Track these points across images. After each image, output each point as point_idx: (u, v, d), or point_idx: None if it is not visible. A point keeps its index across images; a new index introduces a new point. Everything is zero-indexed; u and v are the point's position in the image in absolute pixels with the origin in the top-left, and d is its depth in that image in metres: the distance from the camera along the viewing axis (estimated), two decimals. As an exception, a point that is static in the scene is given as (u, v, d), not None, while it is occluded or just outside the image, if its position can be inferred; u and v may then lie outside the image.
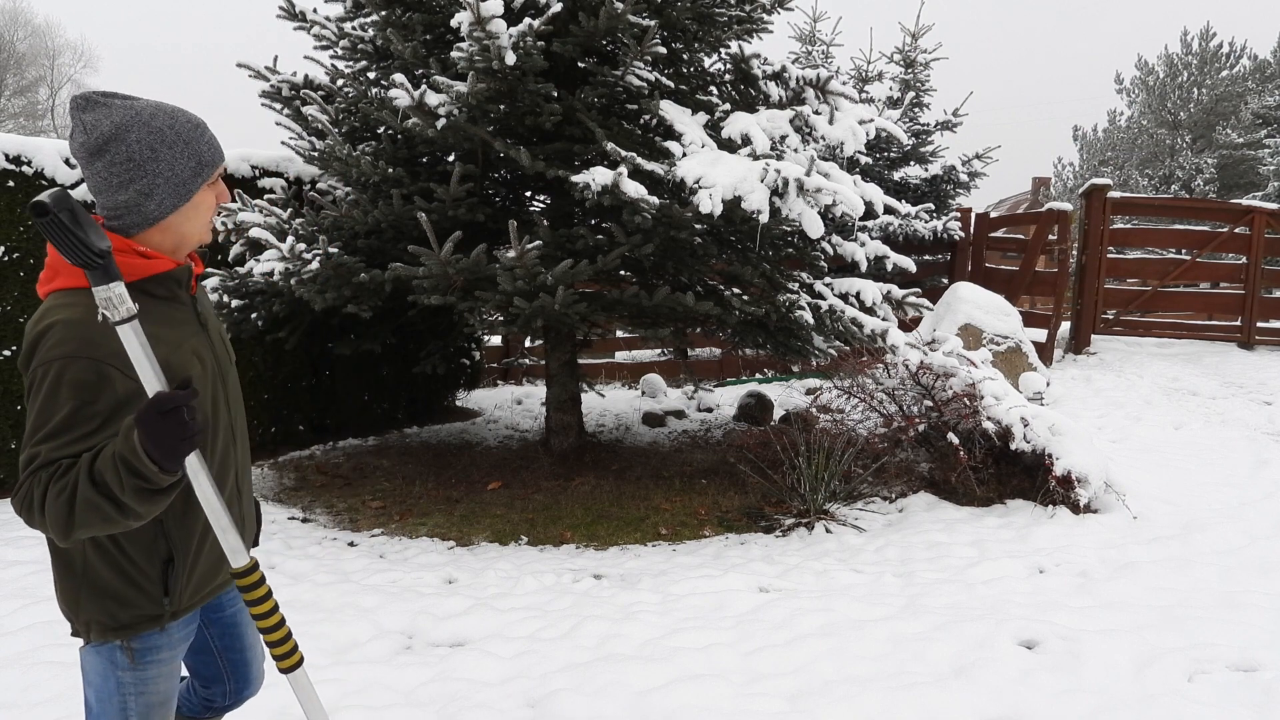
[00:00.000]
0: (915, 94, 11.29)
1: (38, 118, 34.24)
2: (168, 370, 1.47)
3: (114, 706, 1.62)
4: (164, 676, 1.67)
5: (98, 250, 1.35)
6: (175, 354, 1.55)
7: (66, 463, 1.38)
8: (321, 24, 6.19)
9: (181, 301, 1.64)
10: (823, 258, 6.93)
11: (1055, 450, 4.87)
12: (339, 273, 5.28)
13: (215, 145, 1.61)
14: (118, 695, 1.62)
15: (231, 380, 1.76)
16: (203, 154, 1.58)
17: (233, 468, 1.74)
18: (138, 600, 1.59)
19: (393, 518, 5.37)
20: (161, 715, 1.69)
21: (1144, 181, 27.67)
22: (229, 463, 1.73)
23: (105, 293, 1.37)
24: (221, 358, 1.73)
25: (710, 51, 6.23)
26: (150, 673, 1.64)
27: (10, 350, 5.60)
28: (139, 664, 1.62)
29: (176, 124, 1.55)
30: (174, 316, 1.61)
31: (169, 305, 1.60)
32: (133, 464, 1.31)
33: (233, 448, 1.74)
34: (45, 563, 4.23)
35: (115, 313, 1.37)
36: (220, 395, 1.70)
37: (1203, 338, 10.30)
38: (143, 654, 1.62)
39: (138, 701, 1.63)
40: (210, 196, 1.62)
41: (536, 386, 10.40)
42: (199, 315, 1.68)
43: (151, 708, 1.66)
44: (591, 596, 3.92)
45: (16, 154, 5.62)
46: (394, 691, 2.97)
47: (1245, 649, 3.07)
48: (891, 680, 2.93)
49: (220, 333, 1.78)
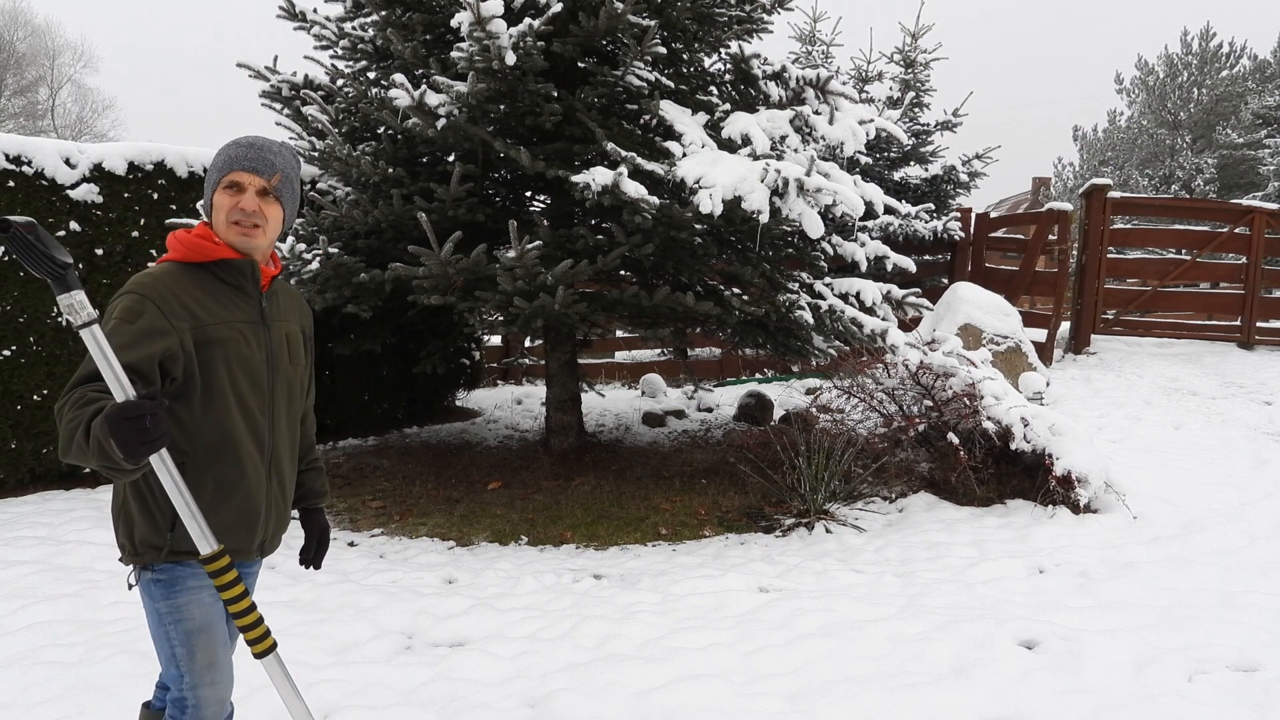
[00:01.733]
0: (915, 94, 11.29)
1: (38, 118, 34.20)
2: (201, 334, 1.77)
3: (161, 635, 1.87)
4: (195, 604, 1.86)
5: (59, 262, 1.54)
6: (213, 326, 1.81)
7: (90, 396, 1.61)
8: (321, 24, 6.19)
9: (246, 292, 1.90)
10: (823, 258, 6.93)
11: (1055, 450, 4.87)
12: (339, 273, 5.28)
13: (235, 156, 1.85)
14: (160, 626, 1.87)
15: (284, 375, 1.97)
16: (220, 161, 1.86)
17: (268, 449, 1.93)
18: (149, 533, 1.82)
19: (393, 518, 5.37)
20: (205, 643, 1.87)
21: (1144, 181, 27.66)
22: (265, 441, 1.92)
23: (68, 300, 1.54)
24: (277, 354, 1.95)
25: (710, 51, 6.23)
26: (181, 599, 1.85)
27: (10, 350, 5.60)
28: (171, 594, 1.84)
29: (236, 138, 1.90)
30: (231, 300, 1.86)
31: (232, 290, 1.87)
32: (104, 448, 1.51)
33: (270, 433, 1.94)
34: (45, 562, 4.23)
35: (77, 317, 1.55)
36: (267, 380, 1.92)
37: (1203, 338, 10.29)
38: (171, 585, 1.84)
39: (178, 629, 1.85)
40: (224, 199, 1.85)
41: (536, 386, 10.40)
42: (263, 310, 1.92)
43: (191, 635, 1.86)
44: (591, 596, 3.92)
45: (16, 154, 5.62)
46: (394, 691, 2.97)
47: (1245, 649, 3.07)
48: (891, 680, 2.93)
49: (288, 336, 2.00)
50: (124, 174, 5.99)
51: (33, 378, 5.67)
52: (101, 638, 3.35)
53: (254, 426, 1.89)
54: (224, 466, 1.84)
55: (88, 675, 3.01)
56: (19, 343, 5.63)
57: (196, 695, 1.88)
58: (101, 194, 5.91)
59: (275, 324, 1.96)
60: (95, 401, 1.60)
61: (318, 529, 2.24)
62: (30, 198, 5.65)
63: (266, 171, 1.85)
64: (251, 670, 2.55)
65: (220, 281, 1.86)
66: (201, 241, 1.84)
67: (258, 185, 1.85)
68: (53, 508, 5.29)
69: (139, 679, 2.96)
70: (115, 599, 3.73)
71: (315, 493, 2.26)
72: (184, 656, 1.86)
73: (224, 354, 1.82)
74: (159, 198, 6.15)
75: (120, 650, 3.20)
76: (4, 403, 5.60)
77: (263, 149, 1.87)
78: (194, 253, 1.84)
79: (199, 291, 1.81)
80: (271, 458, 1.95)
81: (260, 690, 2.79)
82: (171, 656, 1.87)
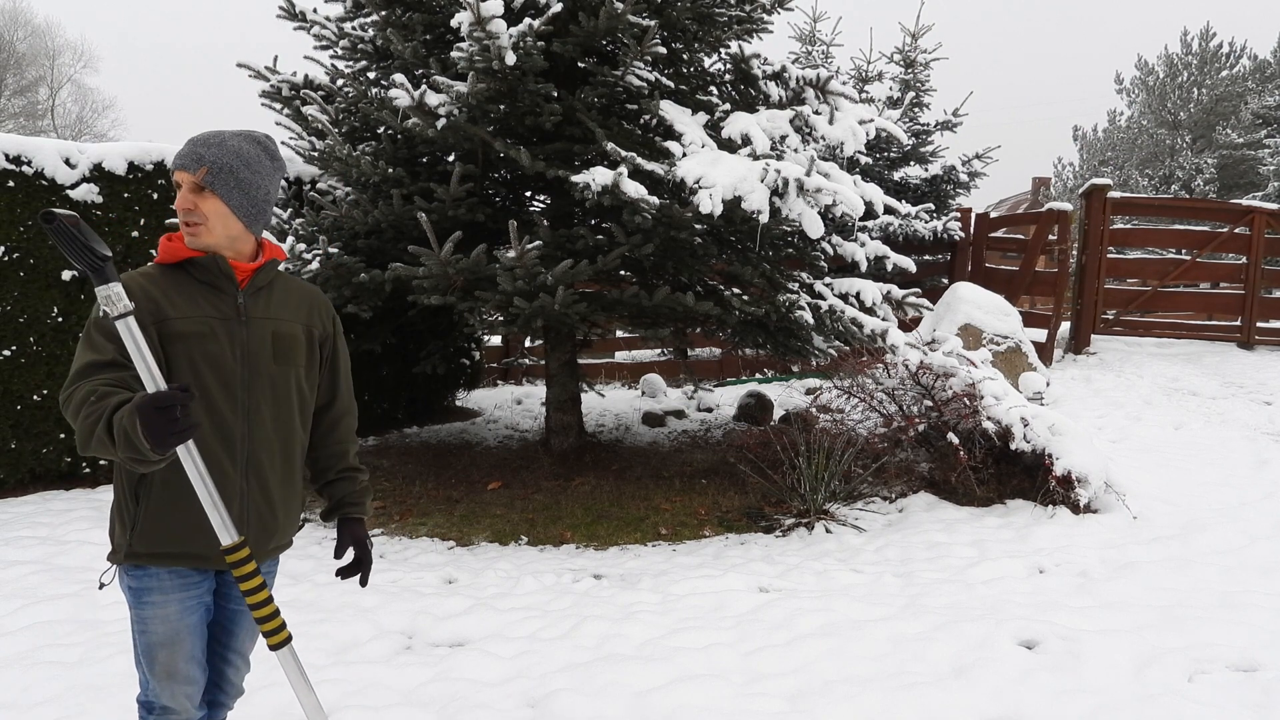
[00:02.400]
0: (915, 94, 11.29)
1: (38, 118, 34.19)
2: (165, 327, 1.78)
3: (133, 640, 1.90)
4: (158, 619, 1.86)
5: (100, 255, 1.58)
6: (178, 320, 1.80)
7: (102, 390, 1.63)
8: (321, 24, 6.19)
9: (221, 289, 1.88)
10: (823, 258, 6.93)
11: (1055, 450, 4.87)
12: (339, 273, 5.28)
13: (176, 155, 1.86)
14: (132, 631, 1.90)
15: (266, 375, 1.90)
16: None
17: (241, 451, 1.87)
18: (119, 532, 1.86)
19: (393, 518, 5.37)
20: (165, 657, 1.87)
21: (1144, 181, 27.66)
22: (235, 442, 1.87)
23: (105, 291, 1.59)
24: (257, 352, 1.89)
25: (710, 51, 6.23)
26: (146, 613, 1.86)
27: (10, 350, 5.60)
28: (138, 603, 1.87)
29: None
30: (204, 297, 1.85)
31: (205, 288, 1.86)
32: (131, 439, 1.52)
33: (247, 434, 1.88)
34: (45, 562, 4.23)
35: (114, 309, 1.60)
36: (241, 379, 1.87)
37: (1203, 338, 10.29)
38: (139, 593, 1.86)
39: (141, 639, 1.88)
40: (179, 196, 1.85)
41: (536, 386, 10.40)
42: (239, 306, 1.89)
43: (152, 647, 1.87)
44: (591, 596, 3.92)
45: (16, 154, 5.62)
46: (394, 691, 2.97)
47: (1245, 649, 3.07)
48: (891, 680, 2.93)
49: (281, 332, 1.93)
50: (124, 174, 5.99)
51: (33, 378, 5.67)
52: (101, 638, 3.35)
53: (220, 425, 1.83)
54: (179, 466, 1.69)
55: (87, 675, 3.01)
56: (19, 343, 5.63)
57: (160, 701, 1.92)
58: (101, 194, 5.91)
59: (257, 321, 1.89)
60: (112, 395, 1.61)
61: (349, 540, 2.08)
62: (30, 198, 5.65)
63: (192, 166, 1.82)
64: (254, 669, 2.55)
65: (195, 280, 1.86)
66: (169, 244, 1.87)
67: (188, 182, 1.83)
68: (53, 508, 5.29)
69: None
70: (115, 599, 3.72)
71: (347, 502, 2.11)
72: (145, 664, 1.90)
73: (187, 349, 1.80)
74: (159, 198, 6.14)
75: (120, 650, 3.20)
76: (4, 403, 5.60)
77: (196, 143, 1.84)
78: (166, 254, 1.87)
79: (172, 290, 1.82)
80: (248, 460, 1.87)
81: (261, 690, 2.79)
82: (138, 660, 1.91)
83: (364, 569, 2.08)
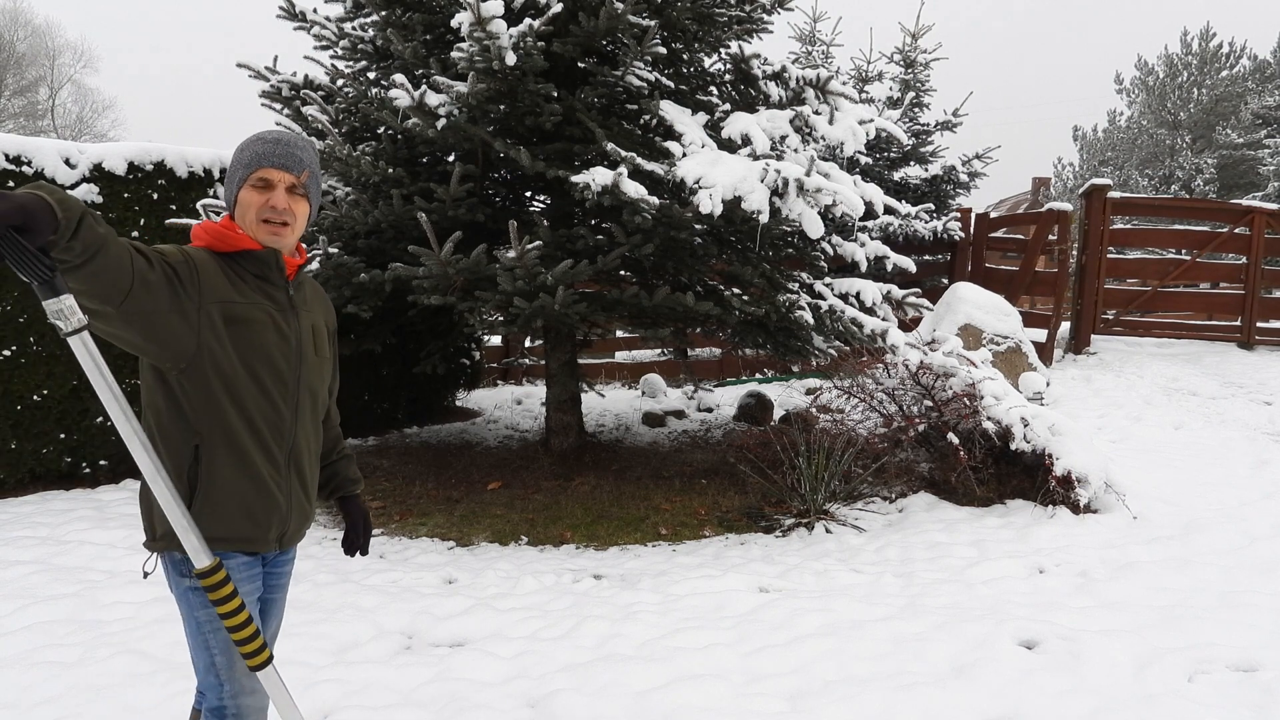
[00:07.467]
0: (915, 94, 11.29)
1: (38, 118, 34.18)
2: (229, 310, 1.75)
3: (199, 644, 1.81)
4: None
5: (49, 264, 1.41)
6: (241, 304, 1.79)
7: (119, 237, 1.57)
8: (321, 24, 6.18)
9: (272, 281, 1.86)
10: (823, 258, 6.93)
11: (1055, 450, 4.87)
12: (339, 273, 5.27)
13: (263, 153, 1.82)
14: (199, 634, 1.81)
15: (310, 366, 1.93)
16: (247, 158, 1.83)
17: (289, 439, 1.89)
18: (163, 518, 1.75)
19: (393, 518, 5.36)
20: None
21: (1144, 181, 27.66)
22: (286, 431, 1.88)
23: (56, 305, 1.43)
24: (304, 344, 1.91)
25: (710, 51, 6.23)
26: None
27: (10, 350, 5.60)
28: (210, 602, 1.75)
29: (260, 133, 1.86)
30: (257, 288, 1.84)
31: (257, 280, 1.84)
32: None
33: (293, 424, 1.90)
34: (45, 562, 4.23)
35: (67, 324, 1.44)
36: (292, 369, 1.88)
37: (1203, 338, 10.29)
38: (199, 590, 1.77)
39: (217, 638, 1.80)
40: (252, 196, 1.82)
41: (536, 386, 10.40)
42: (290, 299, 1.90)
43: (230, 642, 1.78)
44: (591, 596, 3.92)
45: (16, 154, 5.62)
46: (394, 691, 2.97)
47: (1245, 649, 3.07)
48: (891, 680, 2.93)
49: (316, 326, 1.98)
50: (124, 174, 5.99)
51: (33, 378, 5.67)
52: (101, 638, 3.35)
53: (275, 414, 1.84)
54: (238, 452, 1.77)
55: (87, 675, 3.01)
56: (19, 343, 5.63)
57: (238, 704, 1.83)
58: (101, 194, 5.91)
59: (303, 313, 1.93)
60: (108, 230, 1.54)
61: (358, 514, 2.24)
62: (30, 198, 5.64)
63: (296, 168, 1.82)
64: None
65: (247, 271, 1.84)
66: (227, 232, 1.82)
67: (287, 182, 1.82)
68: (53, 508, 5.28)
69: (139, 679, 2.96)
70: (115, 599, 3.73)
71: (350, 479, 2.26)
72: (224, 666, 1.80)
73: (249, 336, 1.78)
74: (159, 198, 6.15)
75: (120, 650, 3.19)
76: (4, 403, 5.59)
77: (290, 145, 1.84)
78: (220, 241, 1.81)
79: (230, 274, 1.80)
80: (292, 449, 1.90)
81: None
82: (210, 665, 1.81)
83: (368, 536, 2.26)
